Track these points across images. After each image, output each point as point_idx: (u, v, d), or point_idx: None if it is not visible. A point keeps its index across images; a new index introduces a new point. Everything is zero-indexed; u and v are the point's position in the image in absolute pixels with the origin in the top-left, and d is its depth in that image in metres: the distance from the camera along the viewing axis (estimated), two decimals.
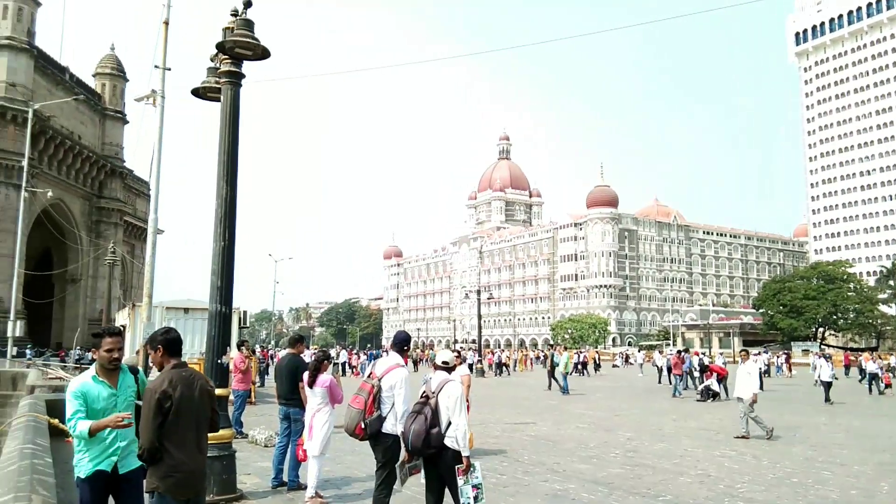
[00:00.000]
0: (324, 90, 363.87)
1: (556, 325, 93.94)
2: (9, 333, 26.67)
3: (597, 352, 31.62)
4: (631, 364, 51.51)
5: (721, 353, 33.26)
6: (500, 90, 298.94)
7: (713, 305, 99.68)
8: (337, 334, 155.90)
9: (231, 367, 9.18)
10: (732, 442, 11.44)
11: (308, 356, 9.01)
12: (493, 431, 12.43)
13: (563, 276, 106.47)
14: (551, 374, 24.21)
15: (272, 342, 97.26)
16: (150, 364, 3.87)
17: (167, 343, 3.67)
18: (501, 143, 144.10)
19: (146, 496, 3.66)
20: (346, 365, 35.23)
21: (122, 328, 15.58)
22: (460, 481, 4.59)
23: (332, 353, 31.90)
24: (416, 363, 39.47)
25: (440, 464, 4.71)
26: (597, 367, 40.81)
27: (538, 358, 53.38)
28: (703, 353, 28.48)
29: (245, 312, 23.29)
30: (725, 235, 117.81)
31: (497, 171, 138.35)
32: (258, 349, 33.82)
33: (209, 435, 3.80)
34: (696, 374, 23.58)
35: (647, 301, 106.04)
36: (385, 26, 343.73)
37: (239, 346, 13.22)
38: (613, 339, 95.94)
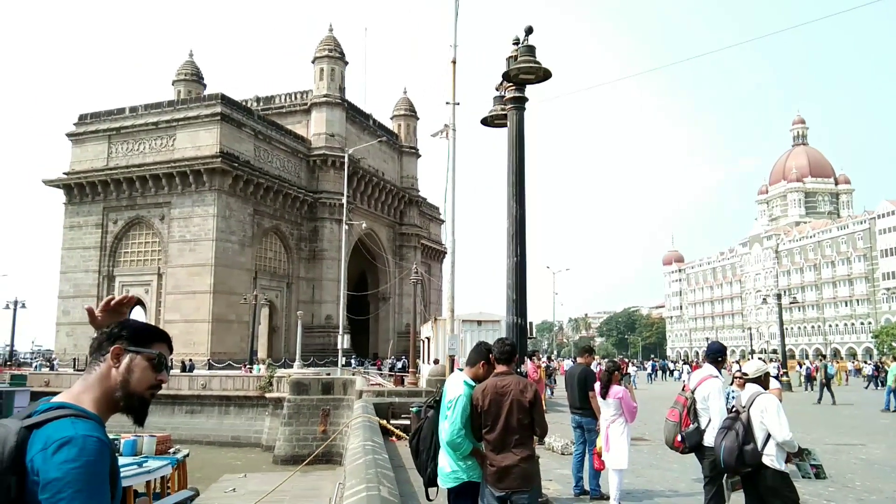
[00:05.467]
0: (596, 99, 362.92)
1: (879, 331, 79.86)
2: (339, 346, 31.39)
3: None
4: None
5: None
6: (788, 69, 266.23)
7: None
8: (618, 344, 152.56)
9: (526, 376, 9.65)
10: None
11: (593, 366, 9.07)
12: None
13: (886, 274, 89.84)
14: (824, 387, 23.55)
15: (554, 352, 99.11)
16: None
17: (498, 352, 4.27)
18: (795, 127, 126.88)
19: None
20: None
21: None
22: (797, 461, 4.74)
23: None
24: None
25: (759, 483, 4.42)
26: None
27: (858, 370, 46.59)
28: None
29: (531, 323, 24.30)
30: None
31: (792, 159, 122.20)
32: (544, 358, 34.73)
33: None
34: None
35: None
36: (657, 24, 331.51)
37: (530, 357, 13.80)
38: None
